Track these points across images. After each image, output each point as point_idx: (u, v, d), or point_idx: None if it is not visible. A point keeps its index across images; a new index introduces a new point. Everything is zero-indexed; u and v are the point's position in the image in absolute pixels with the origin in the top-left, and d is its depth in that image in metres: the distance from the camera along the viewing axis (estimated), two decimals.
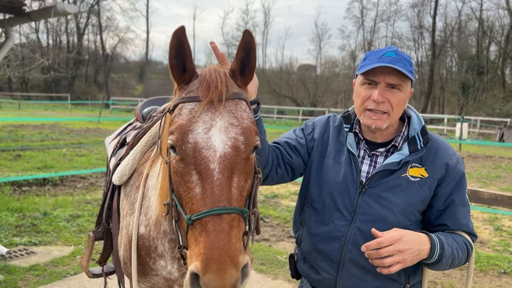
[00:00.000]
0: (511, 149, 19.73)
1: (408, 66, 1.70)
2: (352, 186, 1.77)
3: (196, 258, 1.23)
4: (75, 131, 18.80)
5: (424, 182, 1.70)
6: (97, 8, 52.70)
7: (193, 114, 1.40)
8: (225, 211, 1.28)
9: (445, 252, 1.59)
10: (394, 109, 1.70)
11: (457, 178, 1.72)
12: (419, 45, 47.52)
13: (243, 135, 1.39)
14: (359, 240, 1.70)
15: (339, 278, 1.77)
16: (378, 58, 1.69)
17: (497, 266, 5.18)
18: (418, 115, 1.83)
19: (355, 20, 51.52)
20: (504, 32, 41.40)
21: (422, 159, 1.73)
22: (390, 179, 1.71)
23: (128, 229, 2.03)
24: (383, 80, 1.69)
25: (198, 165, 1.33)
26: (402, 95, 1.71)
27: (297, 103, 44.85)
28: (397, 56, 1.69)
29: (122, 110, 37.07)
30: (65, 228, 5.89)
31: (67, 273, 4.52)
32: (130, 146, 2.28)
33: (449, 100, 42.82)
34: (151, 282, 2.01)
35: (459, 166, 1.74)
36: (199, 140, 1.35)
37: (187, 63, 1.46)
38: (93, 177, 9.18)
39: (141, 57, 60.53)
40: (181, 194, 1.39)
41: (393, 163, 1.71)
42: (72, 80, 50.13)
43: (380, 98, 1.68)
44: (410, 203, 1.69)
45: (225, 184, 1.32)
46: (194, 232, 1.29)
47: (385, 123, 1.72)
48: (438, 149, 1.75)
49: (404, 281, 1.75)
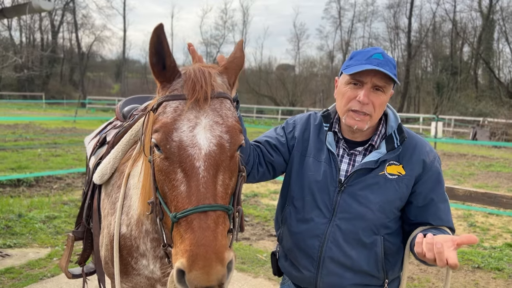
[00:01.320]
0: (484, 147, 20.31)
1: (393, 69, 1.72)
2: (331, 184, 1.80)
3: (182, 255, 1.23)
4: (50, 131, 18.40)
5: (401, 179, 1.72)
6: (72, 6, 51.62)
7: (177, 112, 1.40)
8: (211, 208, 1.28)
9: None
10: (376, 111, 1.73)
11: (435, 175, 1.75)
12: (395, 46, 48.37)
13: (228, 134, 1.40)
14: (338, 238, 1.74)
15: (320, 275, 1.79)
16: (366, 60, 1.70)
17: (471, 261, 5.33)
18: (394, 112, 1.86)
19: (333, 20, 52.10)
20: (476, 33, 42.55)
21: (399, 157, 1.75)
22: (367, 178, 1.74)
23: (109, 228, 2.01)
24: (370, 81, 1.70)
25: (183, 163, 1.34)
26: (385, 97, 1.74)
27: (276, 102, 45.01)
28: (384, 58, 1.71)
29: (99, 110, 36.44)
30: (41, 229, 5.77)
31: (43, 275, 4.43)
32: (111, 145, 2.26)
33: (424, 100, 43.73)
34: (133, 282, 1.99)
35: (436, 163, 1.77)
36: (184, 138, 1.35)
37: (167, 60, 1.46)
38: (70, 178, 9.01)
39: (118, 55, 59.60)
40: (166, 192, 1.39)
41: (371, 162, 1.74)
42: (47, 79, 48.94)
43: (365, 100, 1.70)
44: (388, 201, 1.72)
45: (210, 182, 1.32)
46: (179, 229, 1.29)
47: (366, 125, 1.75)
48: (415, 146, 1.77)
49: (383, 277, 1.78)
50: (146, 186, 1.72)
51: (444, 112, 33.20)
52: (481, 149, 19.25)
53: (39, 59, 44.60)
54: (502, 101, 34.16)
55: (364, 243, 1.74)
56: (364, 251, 1.74)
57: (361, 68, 1.68)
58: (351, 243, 1.74)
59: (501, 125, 23.13)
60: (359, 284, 1.77)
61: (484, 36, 40.87)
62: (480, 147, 19.93)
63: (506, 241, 6.28)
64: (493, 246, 6.04)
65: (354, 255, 1.74)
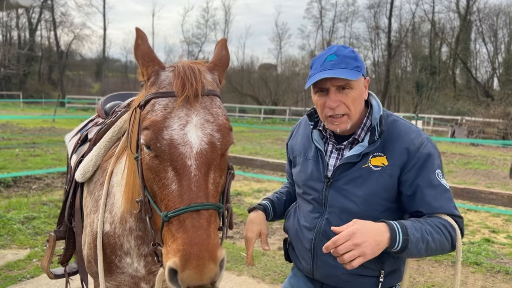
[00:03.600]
0: (462, 145, 20.75)
1: (352, 62, 1.70)
2: (320, 180, 1.83)
3: (175, 254, 1.22)
4: (29, 131, 18.00)
5: (384, 170, 1.72)
6: (50, 3, 50.58)
7: (167, 110, 1.38)
8: (203, 207, 1.28)
9: (410, 238, 1.54)
10: (351, 108, 1.73)
11: (420, 161, 1.70)
12: (375, 46, 49.03)
13: (219, 132, 1.39)
14: (328, 231, 1.75)
15: (315, 266, 1.84)
16: (321, 66, 1.71)
17: (451, 256, 5.43)
18: (379, 103, 1.84)
19: (314, 20, 52.44)
20: (454, 33, 43.47)
21: (384, 148, 1.75)
22: (351, 171, 1.76)
23: (92, 227, 1.98)
24: (330, 85, 1.71)
25: (174, 161, 1.32)
26: (355, 92, 1.72)
27: (259, 101, 45.08)
28: (338, 57, 1.70)
29: (79, 109, 35.83)
30: (20, 230, 5.65)
31: (23, 277, 4.33)
32: (93, 142, 2.23)
33: (404, 99, 44.43)
34: (117, 281, 1.97)
35: (423, 149, 1.72)
36: (175, 136, 1.33)
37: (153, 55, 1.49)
38: (49, 178, 8.84)
39: (97, 54, 58.71)
40: (155, 190, 1.37)
41: (353, 156, 1.75)
42: (24, 77, 47.81)
43: (333, 104, 1.70)
44: (372, 193, 1.72)
45: (202, 181, 1.31)
46: (171, 228, 1.28)
47: (348, 124, 1.75)
48: (398, 135, 1.75)
49: (377, 267, 1.76)
50: (130, 183, 1.70)
51: (423, 111, 33.79)
52: (459, 147, 19.66)
53: (16, 57, 43.65)
54: (479, 100, 34.99)
55: None
56: None
57: (315, 79, 1.69)
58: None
59: (478, 123, 23.70)
60: (353, 274, 1.77)
61: (462, 36, 41.78)
62: (458, 145, 20.36)
63: (484, 236, 6.43)
64: (471, 241, 6.17)
65: None
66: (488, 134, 22.50)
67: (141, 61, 1.51)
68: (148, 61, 1.50)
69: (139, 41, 1.50)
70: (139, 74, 1.56)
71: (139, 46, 1.50)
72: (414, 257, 1.64)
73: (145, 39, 1.51)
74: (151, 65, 1.50)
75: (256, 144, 16.97)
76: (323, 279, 1.85)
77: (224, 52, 1.63)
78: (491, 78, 43.06)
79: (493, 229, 6.79)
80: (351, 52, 1.74)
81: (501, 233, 6.63)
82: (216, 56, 1.62)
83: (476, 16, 42.59)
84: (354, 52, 1.75)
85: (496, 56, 42.74)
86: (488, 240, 6.20)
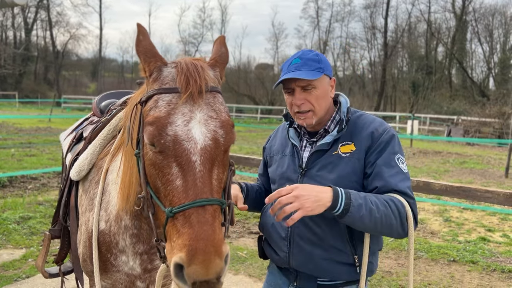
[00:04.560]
0: (458, 145, 20.83)
1: (315, 64, 1.86)
2: (295, 171, 1.96)
3: (180, 249, 1.22)
4: (25, 131, 17.93)
5: (352, 155, 1.85)
6: (46, 3, 50.31)
7: (171, 106, 1.38)
8: (208, 202, 1.28)
9: (352, 202, 1.61)
10: (315, 105, 1.87)
11: (382, 145, 1.83)
12: (372, 45, 49.08)
13: (222, 129, 1.40)
14: (304, 217, 1.75)
15: (291, 255, 1.90)
16: (287, 68, 1.89)
17: (447, 255, 5.46)
18: (347, 100, 2.01)
19: (310, 20, 52.67)
20: (450, 33, 43.61)
21: (352, 137, 1.88)
22: (323, 159, 1.89)
23: (87, 225, 1.97)
24: (295, 85, 1.87)
25: (179, 157, 1.32)
26: (318, 90, 1.87)
27: (256, 101, 45.05)
28: (302, 60, 1.86)
29: (75, 109, 35.72)
30: (15, 230, 5.62)
31: (18, 276, 4.32)
32: (88, 140, 2.21)
33: (400, 99, 44.52)
34: (112, 279, 1.96)
35: (385, 135, 1.85)
36: (179, 132, 1.34)
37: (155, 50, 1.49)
38: (45, 178, 8.81)
39: (94, 54, 58.53)
40: (159, 186, 1.37)
41: (324, 144, 1.89)
42: (20, 77, 47.53)
43: (298, 102, 1.87)
44: (341, 176, 1.83)
45: (206, 176, 1.32)
46: (176, 224, 1.28)
47: (313, 119, 1.90)
48: (364, 125, 1.90)
49: (350, 251, 1.82)
50: (126, 180, 1.70)
51: (419, 111, 33.86)
52: (455, 147, 19.73)
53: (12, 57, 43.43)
54: (475, 100, 35.10)
55: (327, 218, 1.80)
56: (328, 226, 1.83)
57: (279, 80, 1.88)
58: (315, 220, 1.83)
59: (474, 123, 23.77)
60: (329, 260, 1.83)
61: (458, 36, 41.93)
62: (455, 145, 20.42)
63: (480, 235, 6.46)
64: (467, 240, 6.20)
65: (319, 232, 1.83)
66: (484, 134, 22.57)
67: (143, 57, 1.50)
68: (150, 57, 1.49)
69: (140, 37, 1.49)
70: (140, 70, 1.55)
71: (140, 42, 1.49)
72: (358, 224, 1.66)
73: (146, 35, 1.50)
74: (153, 61, 1.49)
75: (253, 144, 16.98)
76: (299, 267, 1.90)
77: (223, 49, 1.64)
78: (486, 78, 43.25)
79: (489, 228, 6.82)
80: (315, 55, 1.90)
81: (496, 232, 6.65)
82: (216, 53, 1.63)
83: (472, 16, 42.76)
84: (318, 55, 1.91)
85: (492, 56, 42.92)
86: (484, 239, 6.22)
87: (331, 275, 1.85)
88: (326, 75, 1.89)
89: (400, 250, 5.64)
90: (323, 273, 1.86)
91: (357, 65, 49.81)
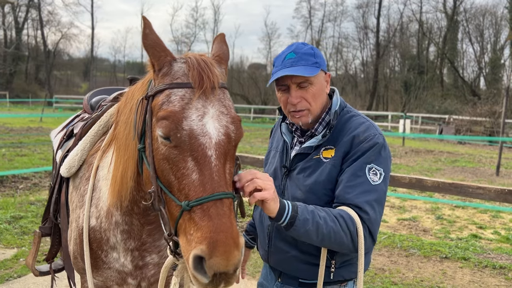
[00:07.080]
0: (450, 143, 20.97)
1: (311, 58, 1.76)
2: (281, 170, 1.93)
3: (201, 242, 1.23)
4: (15, 130, 17.75)
5: (330, 161, 1.78)
6: (37, 2, 49.81)
7: (185, 101, 1.38)
8: (225, 195, 1.31)
9: (298, 216, 1.55)
10: (312, 103, 1.79)
11: (359, 153, 1.72)
12: (364, 45, 49.26)
13: (233, 124, 1.42)
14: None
15: (270, 252, 1.91)
16: (281, 64, 1.78)
17: (439, 252, 5.50)
18: (338, 100, 1.89)
19: (303, 20, 52.62)
20: (441, 33, 43.88)
21: (335, 141, 1.79)
22: (304, 162, 1.84)
23: (78, 222, 1.96)
24: (291, 82, 1.77)
25: (194, 151, 1.33)
26: (315, 87, 1.78)
27: (249, 101, 45.06)
28: (297, 55, 1.76)
29: (67, 109, 35.43)
30: (7, 230, 5.57)
31: (10, 276, 4.28)
32: (78, 136, 2.19)
33: (392, 98, 44.73)
34: (103, 276, 1.94)
35: (366, 143, 1.72)
36: (195, 127, 1.34)
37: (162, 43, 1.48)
38: (37, 177, 8.73)
39: (85, 53, 58.05)
40: (172, 181, 1.37)
41: (307, 147, 1.84)
42: (11, 77, 47.06)
43: (294, 100, 1.78)
44: (317, 182, 1.77)
45: (221, 170, 1.35)
46: (194, 217, 1.28)
47: (309, 118, 1.82)
48: (350, 128, 1.80)
49: (326, 255, 1.75)
50: (117, 176, 1.69)
51: (411, 110, 34.05)
52: (447, 145, 19.87)
53: (2, 56, 43.09)
54: (466, 99, 35.39)
55: None
56: None
57: (275, 77, 1.77)
58: None
59: (465, 122, 23.98)
60: (305, 262, 1.81)
61: (449, 36, 42.22)
62: (446, 144, 20.56)
63: (472, 232, 6.51)
64: (459, 237, 6.25)
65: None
66: (475, 133, 22.77)
67: (151, 51, 1.48)
68: (160, 51, 1.48)
69: (147, 31, 1.47)
70: (148, 64, 1.54)
71: (147, 35, 1.47)
72: (305, 238, 1.60)
73: (152, 28, 1.48)
74: (163, 55, 1.48)
75: (246, 143, 16.96)
76: (276, 265, 1.90)
77: (224, 47, 1.65)
78: (477, 78, 43.55)
79: (481, 225, 6.88)
80: (310, 49, 1.81)
81: (488, 229, 6.71)
82: (219, 50, 1.63)
83: (463, 16, 43.07)
84: (313, 49, 1.81)
85: (483, 55, 43.24)
86: (476, 236, 6.27)
87: (308, 276, 1.82)
88: (322, 70, 1.81)
89: (393, 247, 5.67)
90: (299, 273, 1.84)
91: (349, 64, 50.17)
